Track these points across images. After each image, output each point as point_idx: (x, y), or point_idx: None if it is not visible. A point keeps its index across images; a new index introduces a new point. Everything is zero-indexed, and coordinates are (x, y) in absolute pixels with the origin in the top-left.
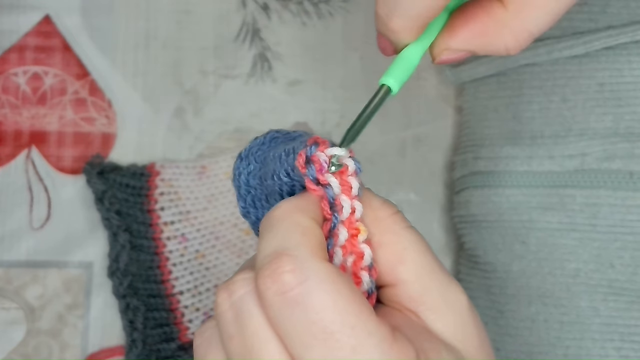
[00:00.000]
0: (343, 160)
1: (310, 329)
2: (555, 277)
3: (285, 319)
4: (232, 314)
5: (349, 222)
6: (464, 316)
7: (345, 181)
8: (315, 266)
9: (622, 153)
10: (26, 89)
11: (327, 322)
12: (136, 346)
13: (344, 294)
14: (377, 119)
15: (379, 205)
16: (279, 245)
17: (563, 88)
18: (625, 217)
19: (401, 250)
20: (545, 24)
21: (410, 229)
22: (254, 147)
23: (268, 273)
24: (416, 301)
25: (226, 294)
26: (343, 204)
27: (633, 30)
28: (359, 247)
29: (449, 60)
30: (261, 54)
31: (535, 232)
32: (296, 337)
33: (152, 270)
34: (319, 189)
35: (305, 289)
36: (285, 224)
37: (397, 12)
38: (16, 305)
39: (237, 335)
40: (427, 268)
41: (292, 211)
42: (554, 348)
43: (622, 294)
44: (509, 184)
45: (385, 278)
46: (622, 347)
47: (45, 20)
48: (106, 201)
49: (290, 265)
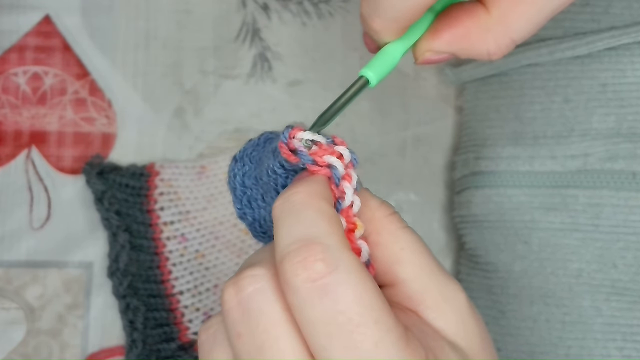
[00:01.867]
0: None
1: (337, 319)
2: (558, 277)
3: (311, 307)
4: (241, 311)
5: (347, 215)
6: (464, 314)
7: (346, 172)
8: (345, 257)
9: (625, 153)
10: (26, 89)
11: (354, 313)
12: (136, 346)
13: (369, 287)
14: (377, 119)
15: (376, 205)
16: (306, 233)
17: (565, 88)
18: (627, 218)
19: (398, 251)
20: (527, 32)
21: (408, 229)
22: (248, 149)
23: (299, 260)
24: (415, 300)
25: (234, 290)
26: (346, 190)
27: (636, 30)
28: (356, 242)
29: (431, 61)
30: (261, 54)
31: (537, 232)
32: (320, 327)
33: (152, 270)
34: (324, 169)
35: (335, 278)
36: (311, 211)
37: (377, 13)
38: (16, 305)
39: (246, 333)
40: (426, 268)
41: (313, 197)
42: (555, 348)
43: (624, 294)
44: (511, 184)
45: (383, 277)
46: (625, 347)
47: (45, 20)
48: (106, 201)
49: (322, 254)
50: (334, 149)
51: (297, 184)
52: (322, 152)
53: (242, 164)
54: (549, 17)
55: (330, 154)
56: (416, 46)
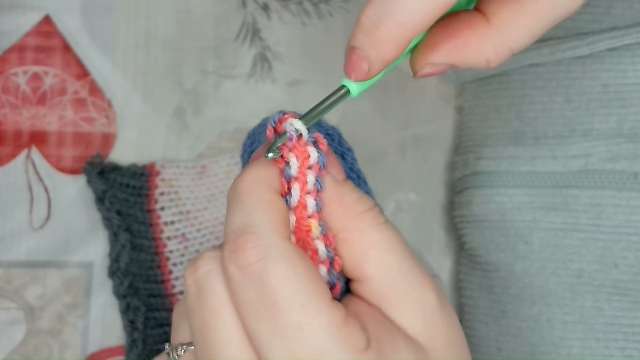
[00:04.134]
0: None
1: (263, 302)
2: (559, 277)
3: (243, 291)
4: (195, 288)
5: (300, 216)
6: (430, 314)
7: (303, 173)
8: (275, 244)
9: (626, 154)
10: (26, 89)
11: (279, 297)
12: (136, 346)
13: (299, 273)
14: (377, 119)
15: (351, 201)
16: (243, 222)
17: (567, 89)
18: (629, 218)
19: (367, 249)
20: (526, 42)
21: (382, 227)
22: (258, 127)
23: (233, 249)
24: (380, 297)
25: (192, 269)
26: (292, 193)
27: (637, 31)
28: (313, 243)
29: (430, 74)
30: (261, 54)
31: (538, 232)
32: (250, 309)
33: (152, 270)
34: (279, 161)
35: (263, 265)
36: (251, 200)
37: (387, 19)
38: (16, 305)
39: (198, 309)
40: (394, 267)
41: (256, 185)
42: (557, 348)
43: (626, 294)
44: (512, 184)
45: (351, 273)
46: (626, 347)
47: (45, 20)
48: (106, 201)
49: (252, 242)
50: (304, 147)
51: (247, 169)
52: (291, 146)
53: (251, 142)
54: (549, 28)
55: (298, 152)
56: (414, 59)
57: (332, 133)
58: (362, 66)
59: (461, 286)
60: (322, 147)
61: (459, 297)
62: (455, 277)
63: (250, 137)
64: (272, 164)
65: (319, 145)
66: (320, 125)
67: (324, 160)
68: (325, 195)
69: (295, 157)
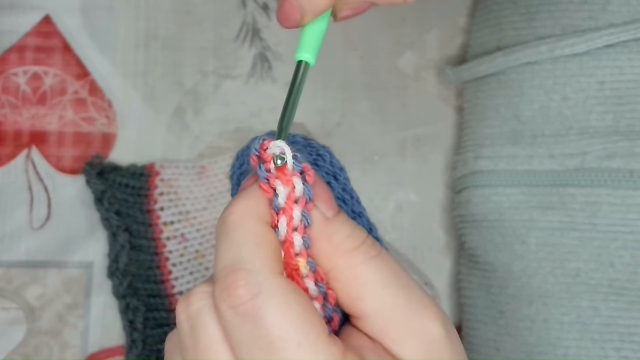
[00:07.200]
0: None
1: (258, 342)
2: (556, 277)
3: (237, 330)
4: (188, 325)
5: (288, 254)
6: (434, 344)
7: (290, 206)
8: (267, 280)
9: (623, 151)
10: (26, 89)
11: (274, 337)
12: (136, 346)
13: (294, 309)
14: (377, 119)
15: (340, 240)
16: (233, 258)
17: (563, 86)
18: (625, 216)
19: (360, 287)
20: None
21: (373, 261)
22: (246, 148)
23: (224, 287)
24: (379, 333)
25: (184, 305)
26: (279, 227)
27: (634, 28)
28: (302, 282)
29: (351, 15)
30: (261, 54)
31: (535, 231)
32: (245, 349)
33: (151, 270)
34: (268, 191)
35: (256, 303)
36: (239, 233)
37: None
38: (16, 305)
39: (192, 346)
40: (389, 301)
41: (245, 217)
42: (554, 348)
43: (622, 294)
44: (509, 183)
45: (348, 310)
46: (622, 348)
47: (45, 20)
48: (106, 201)
49: (244, 280)
50: (289, 177)
51: (235, 200)
52: (279, 175)
53: (240, 163)
54: None
55: (284, 181)
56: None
57: (323, 153)
58: (295, 15)
59: (461, 286)
60: (308, 178)
61: (458, 297)
62: (455, 277)
63: (239, 158)
64: (260, 194)
65: (306, 177)
66: (311, 146)
67: (309, 194)
68: (313, 233)
69: (282, 185)
